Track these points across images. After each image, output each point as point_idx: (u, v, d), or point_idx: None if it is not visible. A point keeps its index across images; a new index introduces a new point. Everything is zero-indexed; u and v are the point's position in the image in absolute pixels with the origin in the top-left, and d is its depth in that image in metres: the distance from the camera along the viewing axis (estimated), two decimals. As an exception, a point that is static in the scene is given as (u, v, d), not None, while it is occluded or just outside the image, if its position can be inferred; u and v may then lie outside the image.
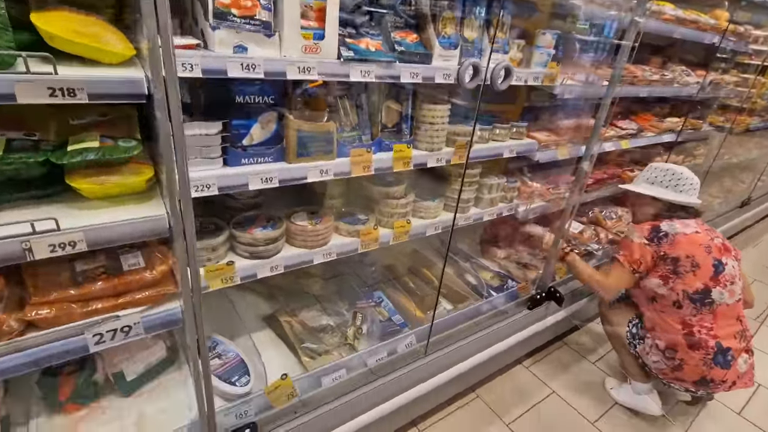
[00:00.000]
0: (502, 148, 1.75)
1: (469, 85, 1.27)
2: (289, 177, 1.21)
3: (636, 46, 1.68)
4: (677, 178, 1.78)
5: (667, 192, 1.78)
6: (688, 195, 1.77)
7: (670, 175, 1.79)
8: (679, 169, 1.79)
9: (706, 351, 1.62)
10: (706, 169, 3.20)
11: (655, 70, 2.35)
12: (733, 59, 3.03)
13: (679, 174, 1.78)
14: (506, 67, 1.36)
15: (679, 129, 2.68)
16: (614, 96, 1.81)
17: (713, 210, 3.48)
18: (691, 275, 1.65)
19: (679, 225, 1.71)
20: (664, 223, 1.74)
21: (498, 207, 1.92)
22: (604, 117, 1.81)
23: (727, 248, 1.73)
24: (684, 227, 1.71)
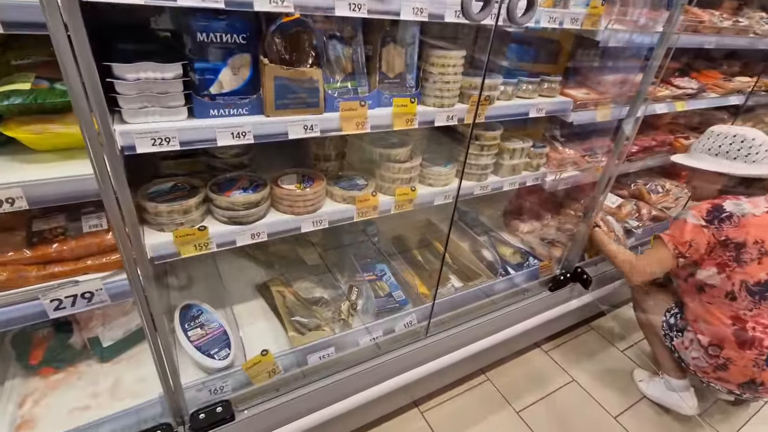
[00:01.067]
0: (528, 106, 1.50)
1: (478, 18, 1.03)
2: (266, 132, 1.05)
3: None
4: (748, 145, 1.47)
5: (735, 165, 1.48)
6: (762, 165, 1.46)
7: (739, 143, 1.48)
8: (750, 134, 1.48)
9: (759, 350, 1.38)
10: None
11: (727, 16, 1.95)
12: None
13: (750, 140, 1.47)
14: None
15: (750, 90, 2.28)
16: (670, 46, 1.50)
17: None
18: (756, 264, 1.39)
19: (749, 204, 1.43)
20: (728, 201, 1.45)
21: (522, 175, 1.69)
22: (654, 71, 1.51)
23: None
24: (754, 207, 1.42)
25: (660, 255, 1.50)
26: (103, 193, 0.76)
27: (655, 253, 1.53)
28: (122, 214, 0.79)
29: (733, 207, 1.43)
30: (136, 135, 0.89)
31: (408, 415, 1.65)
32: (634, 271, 1.56)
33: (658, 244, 1.53)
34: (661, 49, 1.48)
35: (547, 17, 1.32)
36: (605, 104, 1.70)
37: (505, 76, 1.48)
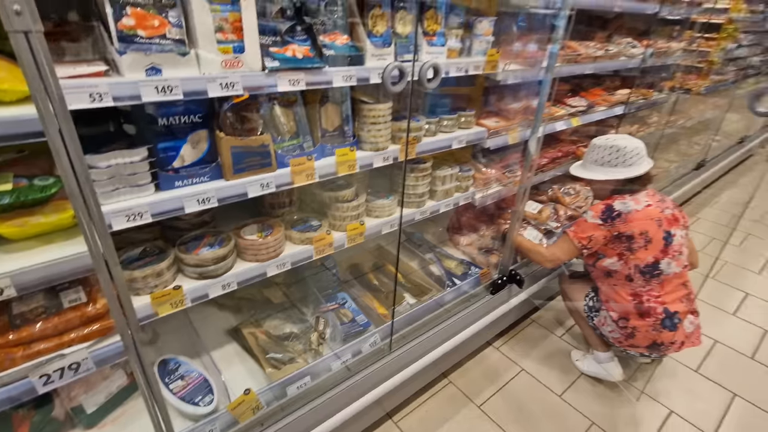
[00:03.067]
0: (450, 139, 1.75)
1: (395, 89, 1.27)
2: (228, 195, 1.19)
3: (569, 27, 1.69)
4: (623, 153, 1.82)
5: (616, 171, 1.83)
6: (638, 166, 1.81)
7: (615, 152, 1.83)
8: (621, 143, 1.83)
9: (655, 317, 1.70)
10: (660, 135, 3.29)
11: (600, 45, 2.38)
12: (677, 25, 3.09)
13: (623, 148, 1.81)
14: (434, 66, 1.36)
15: (627, 101, 2.74)
16: (554, 77, 1.84)
17: (670, 175, 3.60)
18: (643, 250, 1.72)
19: (632, 201, 1.76)
20: (617, 201, 1.78)
21: (454, 197, 1.94)
22: (545, 99, 1.83)
23: (675, 218, 1.79)
24: (636, 203, 1.76)
25: (566, 246, 1.82)
26: (96, 267, 0.86)
27: (562, 244, 1.85)
28: (115, 284, 0.89)
29: (621, 206, 1.76)
30: (111, 215, 1.00)
31: (384, 427, 1.80)
32: (545, 259, 1.89)
33: (565, 237, 1.84)
34: (547, 79, 1.81)
35: (455, 68, 1.59)
36: (514, 129, 2.01)
37: (428, 116, 1.73)
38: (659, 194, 1.85)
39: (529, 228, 2.31)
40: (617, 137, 1.87)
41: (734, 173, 5.04)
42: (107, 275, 0.87)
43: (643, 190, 1.83)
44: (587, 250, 1.80)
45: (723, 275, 3.03)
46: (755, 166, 5.38)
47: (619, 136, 1.88)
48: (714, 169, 4.25)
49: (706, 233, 3.59)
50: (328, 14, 1.31)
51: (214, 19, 1.02)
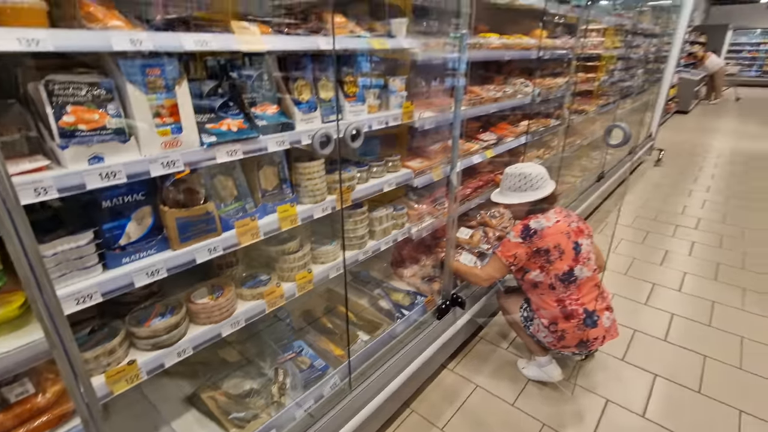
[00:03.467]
0: (381, 183, 1.93)
1: (324, 152, 1.43)
2: (177, 264, 1.24)
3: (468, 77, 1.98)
4: (530, 179, 2.11)
5: (527, 194, 2.10)
6: (543, 188, 2.10)
7: (523, 179, 2.12)
8: (527, 170, 2.12)
9: (578, 318, 1.95)
10: (560, 156, 3.77)
11: (498, 87, 2.75)
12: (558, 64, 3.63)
13: (528, 174, 2.11)
14: (356, 129, 1.54)
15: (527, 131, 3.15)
16: (463, 118, 2.12)
17: (577, 188, 4.10)
18: (559, 261, 1.98)
19: (544, 219, 2.03)
20: (532, 220, 2.05)
21: (392, 234, 2.11)
22: (457, 139, 2.08)
23: (581, 230, 2.09)
24: (548, 221, 2.03)
25: (496, 265, 2.04)
26: (56, 354, 0.88)
27: (493, 263, 2.07)
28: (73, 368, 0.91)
29: (536, 224, 2.03)
30: (61, 299, 1.02)
31: (354, 469, 1.83)
32: (481, 279, 2.10)
33: (495, 257, 2.07)
34: (456, 122, 2.07)
35: (376, 122, 1.79)
36: (436, 167, 2.24)
37: (359, 166, 1.90)
38: (565, 211, 2.15)
39: (464, 253, 2.53)
40: (524, 166, 2.17)
41: (630, 180, 5.79)
42: (66, 362, 0.89)
43: (551, 208, 2.12)
44: (514, 266, 2.03)
45: (633, 270, 3.47)
46: (645, 171, 6.22)
47: (525, 165, 2.17)
48: (612, 178, 4.88)
49: (615, 235, 4.08)
50: (258, 88, 1.46)
51: (151, 107, 1.12)
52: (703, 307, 2.96)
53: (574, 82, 3.79)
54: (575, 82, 3.83)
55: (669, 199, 5.09)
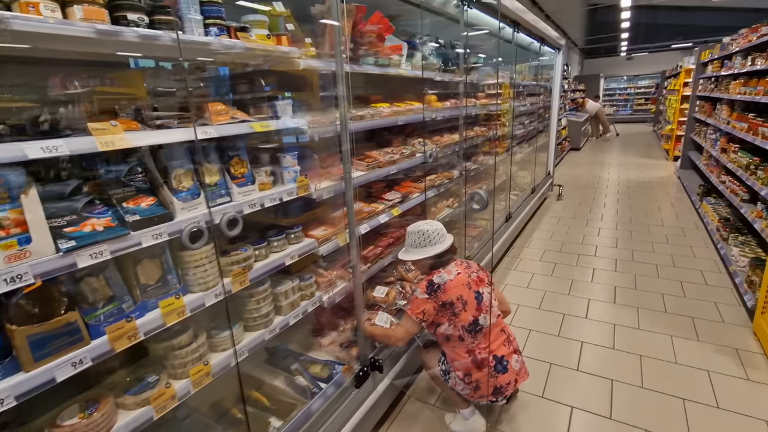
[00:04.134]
0: (282, 257, 1.91)
1: (196, 246, 1.41)
2: (30, 387, 1.10)
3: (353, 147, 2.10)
4: (428, 236, 2.22)
5: (427, 250, 2.20)
6: (441, 243, 2.22)
7: (422, 236, 2.22)
8: (425, 227, 2.23)
9: (489, 366, 2.01)
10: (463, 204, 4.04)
11: (397, 150, 2.93)
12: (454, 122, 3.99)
13: (426, 231, 2.22)
14: (231, 219, 1.55)
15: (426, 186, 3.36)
16: (363, 182, 2.21)
17: (488, 231, 4.38)
18: (464, 312, 2.06)
19: (446, 273, 2.13)
20: (435, 275, 2.13)
21: (301, 306, 2.06)
22: (351, 205, 2.15)
23: (481, 279, 2.21)
24: (449, 274, 2.13)
25: (408, 323, 2.07)
26: None
27: (405, 323, 2.10)
28: None
29: (438, 279, 2.11)
30: None
31: None
32: (397, 339, 2.11)
33: (406, 316, 2.10)
34: (348, 190, 2.15)
35: (269, 200, 1.80)
36: (341, 232, 2.29)
37: (257, 243, 1.88)
38: (465, 262, 2.28)
39: (380, 312, 2.54)
40: (422, 223, 2.29)
41: (537, 216, 6.33)
42: None
43: (452, 261, 2.23)
44: (425, 322, 2.07)
45: (546, 303, 3.70)
46: (550, 206, 6.86)
47: (424, 222, 2.29)
48: (520, 216, 5.30)
49: (527, 271, 4.37)
50: (130, 182, 1.41)
51: (-10, 220, 1.03)
52: (607, 331, 3.21)
53: (472, 136, 4.17)
54: (474, 136, 4.21)
55: (571, 230, 5.61)
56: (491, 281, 2.28)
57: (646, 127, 18.74)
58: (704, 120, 6.86)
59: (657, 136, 14.54)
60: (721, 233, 4.53)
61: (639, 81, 22.24)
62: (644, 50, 22.00)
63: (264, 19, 1.71)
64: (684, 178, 7.70)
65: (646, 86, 21.87)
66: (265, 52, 1.69)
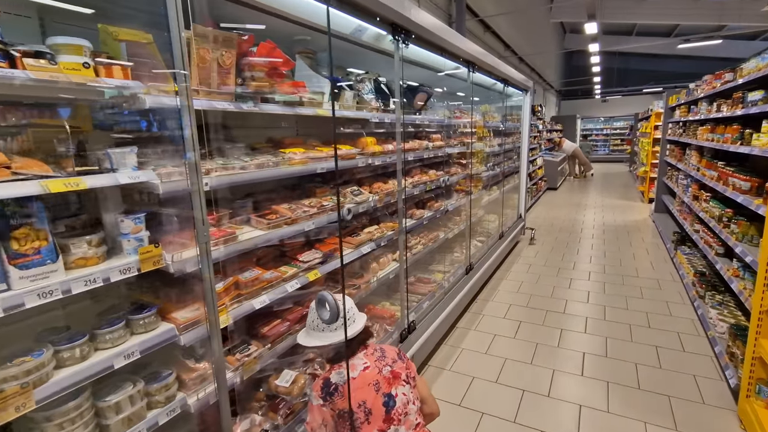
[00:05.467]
0: (111, 358, 1.41)
1: None
2: None
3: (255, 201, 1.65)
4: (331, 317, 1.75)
5: (327, 336, 1.72)
6: (350, 326, 1.74)
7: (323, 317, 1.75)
8: (327, 306, 1.77)
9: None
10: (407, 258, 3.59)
11: (317, 202, 2.49)
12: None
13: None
14: None
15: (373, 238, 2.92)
16: (255, 246, 1.74)
17: (443, 286, 3.91)
18: (367, 424, 1.56)
19: (350, 368, 1.64)
20: (333, 372, 1.64)
21: (147, 419, 1.54)
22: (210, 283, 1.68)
23: (396, 375, 1.71)
24: (353, 370, 1.64)
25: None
26: None
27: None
28: None
29: (337, 377, 1.61)
30: None
31: None
32: None
33: (304, 431, 1.58)
34: (207, 263, 1.68)
35: (84, 282, 1.32)
36: (222, 310, 1.79)
37: (70, 340, 1.37)
38: (379, 349, 1.80)
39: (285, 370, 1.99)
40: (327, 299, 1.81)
41: (507, 263, 5.91)
42: None
43: (361, 350, 1.75)
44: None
45: (504, 375, 3.19)
46: (521, 251, 6.46)
47: (330, 297, 1.82)
48: (485, 266, 4.86)
49: (488, 332, 3.88)
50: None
51: None
52: (572, 416, 2.71)
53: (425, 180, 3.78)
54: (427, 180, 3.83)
55: (541, 280, 5.19)
56: (412, 374, 1.79)
57: (623, 166, 18.96)
58: (675, 165, 6.69)
59: (633, 176, 14.59)
60: (698, 290, 4.15)
61: (615, 122, 22.82)
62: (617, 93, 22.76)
63: (81, 44, 1.29)
64: (659, 222, 7.45)
65: (621, 127, 22.42)
66: (76, 86, 1.26)
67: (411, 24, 2.68)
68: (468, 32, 8.03)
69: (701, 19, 13.33)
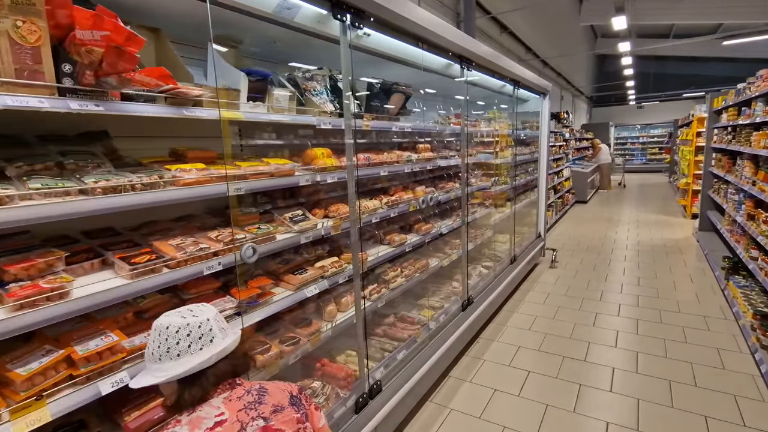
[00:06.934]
0: None
1: None
2: None
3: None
4: (164, 337, 1.11)
5: (166, 367, 1.10)
6: (192, 357, 1.11)
7: (156, 338, 1.12)
8: (164, 321, 1.14)
9: None
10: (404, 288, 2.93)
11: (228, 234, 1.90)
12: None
13: (163, 330, 1.12)
14: None
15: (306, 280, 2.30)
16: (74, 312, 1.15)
17: (430, 328, 3.22)
18: None
19: (188, 425, 1.03)
20: (178, 425, 1.05)
21: None
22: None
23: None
24: (197, 424, 1.02)
25: None
26: None
27: None
28: None
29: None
30: None
31: None
32: None
33: None
34: None
35: None
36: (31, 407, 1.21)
37: None
38: (257, 389, 1.17)
39: None
40: (172, 312, 1.18)
41: (521, 290, 5.12)
42: None
43: (221, 391, 1.13)
44: None
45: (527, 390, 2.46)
46: (539, 276, 5.64)
47: (175, 311, 1.19)
48: (490, 298, 4.11)
49: (488, 385, 3.14)
50: None
51: None
52: None
53: (406, 200, 3.14)
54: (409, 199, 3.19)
55: (559, 315, 4.38)
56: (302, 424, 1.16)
57: (662, 177, 17.51)
58: (723, 176, 5.72)
59: (673, 188, 13.31)
60: (759, 336, 3.27)
61: (651, 130, 21.31)
62: (654, 99, 21.31)
63: None
64: (704, 242, 6.44)
65: (659, 135, 20.89)
66: None
67: (362, 1, 2.08)
68: (481, 33, 7.37)
69: (745, 17, 12.06)
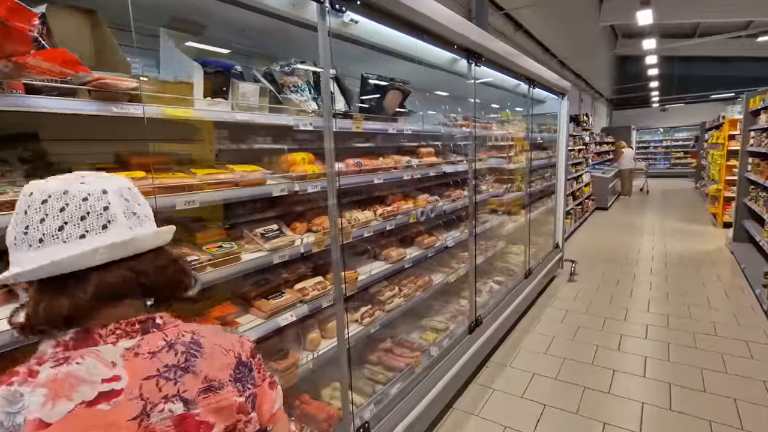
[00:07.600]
0: None
1: None
2: None
3: None
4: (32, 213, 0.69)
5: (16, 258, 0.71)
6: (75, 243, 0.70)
7: (22, 214, 0.70)
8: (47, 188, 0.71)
9: None
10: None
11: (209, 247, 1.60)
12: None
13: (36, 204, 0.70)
14: None
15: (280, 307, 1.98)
16: None
17: (432, 355, 2.86)
18: None
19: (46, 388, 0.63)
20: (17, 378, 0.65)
21: None
22: None
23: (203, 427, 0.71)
24: (65, 390, 0.63)
25: None
26: None
27: None
28: None
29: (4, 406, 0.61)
30: None
31: None
32: None
33: None
34: None
35: None
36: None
37: None
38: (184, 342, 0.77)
39: None
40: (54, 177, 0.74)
41: (537, 306, 4.71)
42: None
43: (117, 335, 0.73)
44: None
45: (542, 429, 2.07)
46: (557, 291, 5.21)
47: (58, 177, 0.74)
48: (502, 317, 3.73)
49: (497, 421, 2.76)
50: None
51: None
52: None
53: (405, 211, 2.81)
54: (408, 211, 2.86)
55: (579, 335, 3.97)
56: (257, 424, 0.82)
57: (688, 182, 16.69)
58: (762, 183, 5.20)
59: (701, 194, 12.60)
60: (818, 371, 2.80)
61: (676, 133, 20.43)
62: (679, 101, 20.45)
63: None
64: (740, 255, 5.90)
65: (685, 138, 20.01)
66: None
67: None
68: (495, 31, 7.01)
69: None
